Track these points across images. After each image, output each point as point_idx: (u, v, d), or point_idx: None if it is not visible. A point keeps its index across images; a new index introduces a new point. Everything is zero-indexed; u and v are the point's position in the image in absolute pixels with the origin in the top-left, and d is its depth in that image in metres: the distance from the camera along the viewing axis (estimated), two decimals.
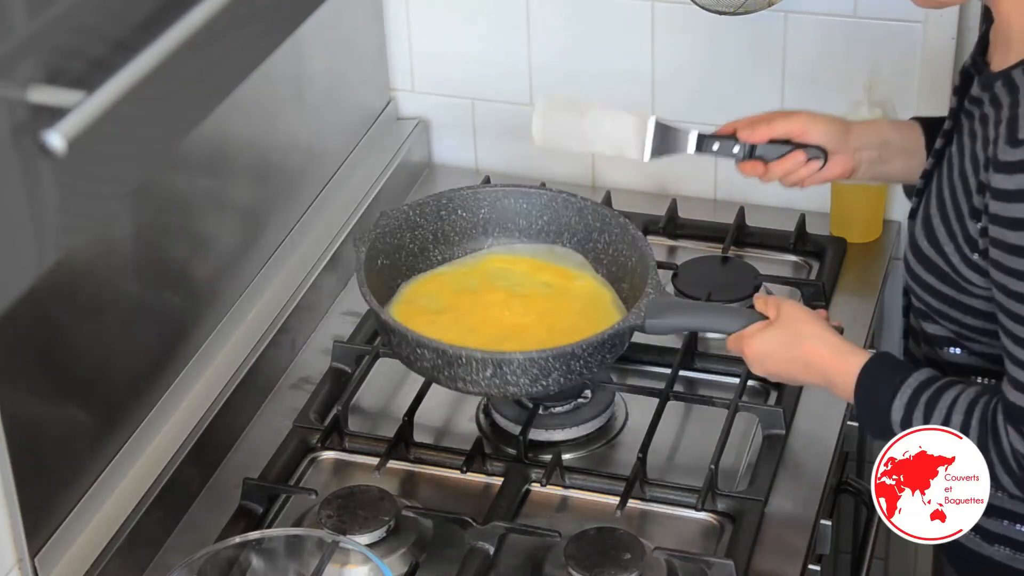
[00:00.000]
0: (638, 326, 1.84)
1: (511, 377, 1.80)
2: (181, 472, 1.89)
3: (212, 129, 1.98)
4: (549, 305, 1.98)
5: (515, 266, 2.04)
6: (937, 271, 1.65)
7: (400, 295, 1.99)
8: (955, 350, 1.69)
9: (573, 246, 2.05)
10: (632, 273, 1.97)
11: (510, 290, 2.00)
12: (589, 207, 2.03)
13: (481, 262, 2.05)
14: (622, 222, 2.00)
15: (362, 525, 1.81)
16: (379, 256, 1.96)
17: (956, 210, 1.61)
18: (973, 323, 1.65)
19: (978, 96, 1.63)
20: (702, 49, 2.36)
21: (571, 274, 2.03)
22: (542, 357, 1.79)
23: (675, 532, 1.86)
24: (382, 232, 1.97)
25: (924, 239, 1.66)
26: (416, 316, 1.92)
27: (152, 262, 1.91)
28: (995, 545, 1.71)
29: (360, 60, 2.44)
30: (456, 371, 1.81)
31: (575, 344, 1.80)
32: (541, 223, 2.06)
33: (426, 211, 2.03)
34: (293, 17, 1.29)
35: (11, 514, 1.63)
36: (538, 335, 1.90)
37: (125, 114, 1.01)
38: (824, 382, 1.72)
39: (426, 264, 2.04)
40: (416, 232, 2.02)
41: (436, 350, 1.80)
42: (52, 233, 1.01)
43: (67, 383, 1.74)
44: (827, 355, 1.70)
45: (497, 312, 1.97)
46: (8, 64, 0.93)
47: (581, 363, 1.82)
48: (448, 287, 2.01)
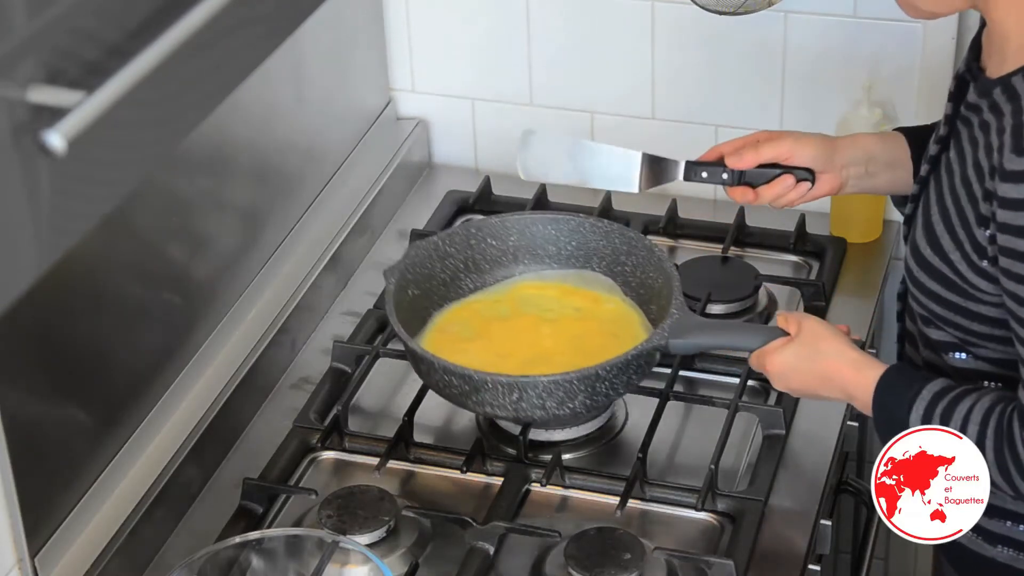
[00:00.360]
0: (662, 346, 1.87)
1: (537, 400, 1.83)
2: (181, 472, 1.89)
3: (212, 129, 1.98)
4: (578, 329, 2.01)
5: (546, 291, 2.07)
6: (942, 278, 1.65)
7: (433, 324, 2.02)
8: (960, 355, 1.69)
9: (602, 270, 2.07)
10: (659, 295, 1.99)
11: (540, 315, 2.04)
12: (616, 231, 2.06)
13: (512, 289, 2.08)
14: (647, 244, 2.03)
15: (362, 525, 1.81)
16: (409, 286, 1.99)
17: (961, 217, 1.61)
18: (980, 329, 1.65)
19: (975, 103, 1.63)
20: (702, 49, 2.36)
21: (601, 298, 2.06)
22: (567, 380, 1.82)
23: (675, 532, 1.86)
24: (411, 263, 2.00)
25: (927, 246, 1.66)
26: (447, 344, 1.95)
27: (152, 262, 1.91)
28: (998, 546, 1.71)
29: (360, 60, 2.44)
30: (483, 396, 1.84)
31: (599, 366, 1.82)
32: (570, 248, 2.08)
33: (456, 240, 2.06)
34: (293, 17, 1.29)
35: (11, 514, 1.63)
36: (567, 358, 1.93)
37: (125, 114, 1.01)
38: (844, 396, 1.73)
39: (457, 293, 2.06)
40: (447, 261, 2.05)
41: (463, 376, 1.83)
42: (52, 233, 1.01)
43: (67, 383, 1.74)
44: (846, 369, 1.71)
45: (527, 337, 2.00)
46: (8, 64, 0.93)
47: (607, 384, 1.84)
48: (480, 315, 2.04)
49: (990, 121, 1.58)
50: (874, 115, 2.26)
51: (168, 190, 1.91)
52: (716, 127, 2.40)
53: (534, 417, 1.87)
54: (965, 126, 1.64)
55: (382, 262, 2.33)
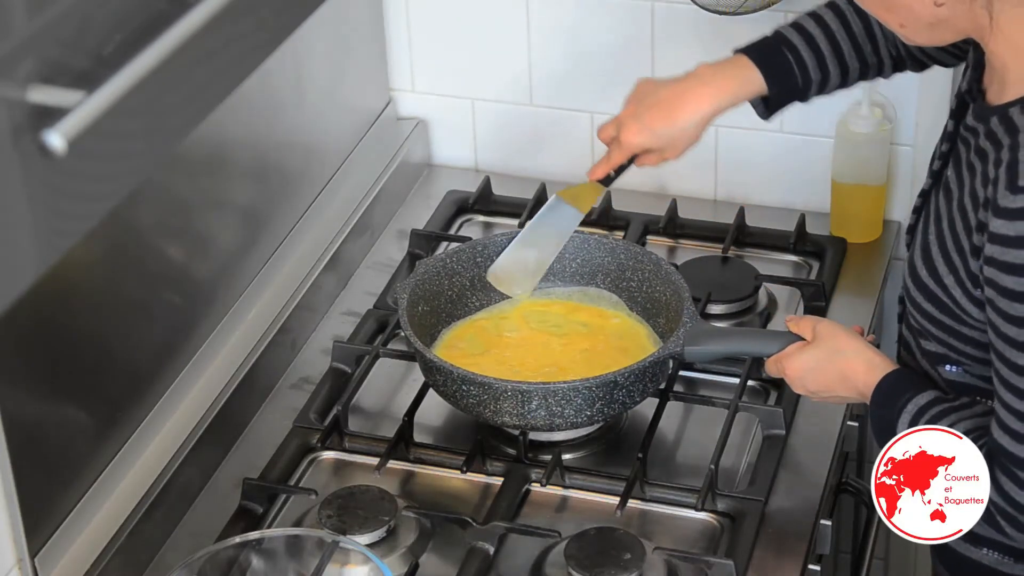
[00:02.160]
0: (677, 354, 1.88)
1: (556, 408, 1.85)
2: (181, 472, 1.89)
3: (212, 129, 1.98)
4: (587, 343, 2.04)
5: (551, 308, 2.10)
6: (936, 300, 1.65)
7: (441, 341, 2.05)
8: (951, 368, 1.69)
9: (607, 286, 2.10)
10: (667, 308, 2.01)
11: (548, 331, 2.06)
12: (621, 247, 2.09)
13: (517, 307, 2.10)
14: (654, 258, 2.05)
15: (362, 525, 1.81)
16: (419, 303, 2.01)
17: (956, 244, 1.61)
18: (971, 352, 1.65)
19: (973, 126, 1.63)
20: (702, 49, 2.35)
21: (606, 314, 2.09)
22: (586, 386, 1.84)
23: (675, 532, 1.86)
24: (420, 280, 2.02)
25: (923, 268, 1.66)
26: (459, 360, 1.95)
27: (152, 262, 1.91)
28: (983, 549, 1.71)
29: (360, 60, 2.44)
30: (501, 405, 1.85)
31: (617, 372, 1.85)
32: (575, 266, 2.11)
33: (462, 258, 2.08)
34: (293, 17, 1.29)
35: (11, 514, 1.63)
36: (579, 371, 1.96)
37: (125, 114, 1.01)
38: (859, 396, 1.73)
39: (464, 311, 2.09)
40: (454, 279, 2.07)
41: (482, 385, 1.85)
42: (52, 233, 1.01)
43: (67, 383, 1.74)
44: (861, 368, 1.71)
45: (537, 351, 2.02)
46: (8, 64, 0.93)
47: (624, 392, 1.87)
48: (487, 332, 2.06)
49: (987, 149, 1.58)
50: (874, 115, 2.26)
51: (168, 190, 1.91)
52: (716, 127, 2.39)
53: (552, 425, 1.88)
54: (964, 145, 1.64)
55: (382, 262, 2.34)
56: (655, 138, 1.91)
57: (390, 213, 2.43)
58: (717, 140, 2.41)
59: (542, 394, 1.84)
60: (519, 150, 2.51)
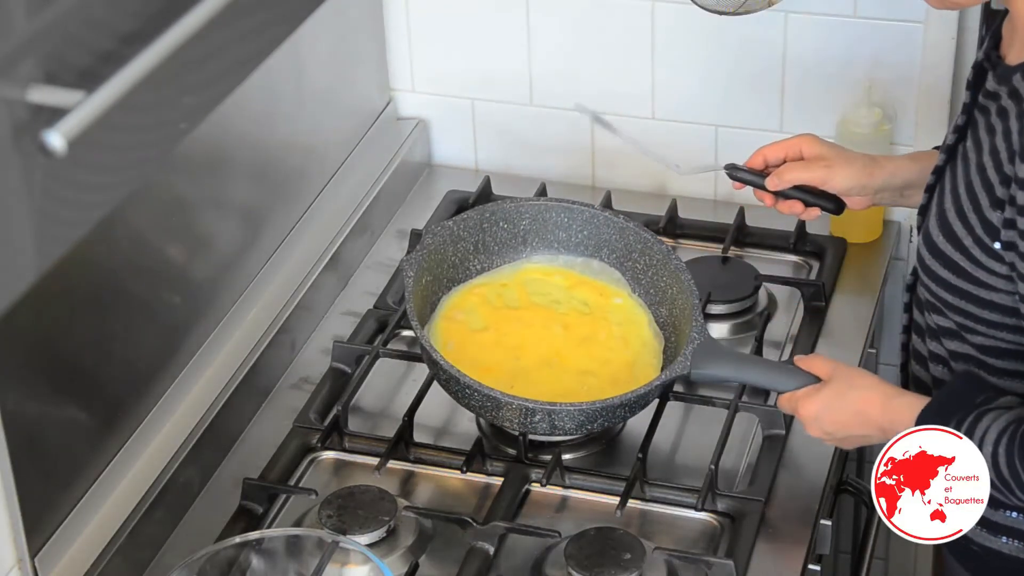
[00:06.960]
0: (684, 376, 1.88)
1: (558, 423, 1.85)
2: (181, 472, 1.89)
3: (212, 129, 1.98)
4: (588, 330, 2.01)
5: (551, 277, 2.06)
6: (954, 266, 1.65)
7: (439, 310, 2.01)
8: (953, 342, 1.70)
9: (611, 262, 2.06)
10: (672, 302, 1.99)
11: (549, 308, 2.03)
12: (632, 229, 2.04)
13: (518, 273, 2.07)
14: (665, 250, 2.01)
15: (362, 525, 1.81)
16: (424, 275, 1.98)
17: (974, 202, 1.61)
18: (988, 317, 1.65)
19: (994, 90, 1.64)
20: (702, 49, 2.36)
21: (608, 291, 2.05)
22: (591, 408, 1.83)
23: (675, 532, 1.86)
24: (427, 251, 1.99)
25: (940, 235, 1.67)
26: (457, 336, 1.94)
27: (152, 262, 1.91)
28: (1002, 537, 1.71)
29: (360, 60, 2.44)
30: (504, 413, 1.86)
31: (622, 396, 1.84)
32: (580, 237, 2.07)
33: (469, 224, 2.05)
34: (293, 17, 1.29)
35: (11, 514, 1.63)
36: (578, 362, 1.96)
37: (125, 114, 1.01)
38: (879, 431, 1.70)
39: (465, 275, 2.05)
40: (458, 245, 2.04)
41: (487, 396, 1.83)
42: (52, 233, 1.01)
43: (67, 383, 1.74)
44: (878, 401, 1.70)
45: (537, 334, 2.00)
46: (8, 64, 0.93)
47: (626, 409, 1.87)
48: (486, 301, 2.03)
49: (1008, 107, 1.60)
50: (874, 115, 2.26)
51: (168, 190, 1.91)
52: (716, 127, 2.40)
53: (551, 434, 1.90)
54: (983, 114, 1.65)
55: (382, 262, 2.34)
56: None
57: (390, 213, 2.43)
58: (717, 140, 2.41)
59: (546, 412, 1.83)
60: (519, 150, 2.51)
